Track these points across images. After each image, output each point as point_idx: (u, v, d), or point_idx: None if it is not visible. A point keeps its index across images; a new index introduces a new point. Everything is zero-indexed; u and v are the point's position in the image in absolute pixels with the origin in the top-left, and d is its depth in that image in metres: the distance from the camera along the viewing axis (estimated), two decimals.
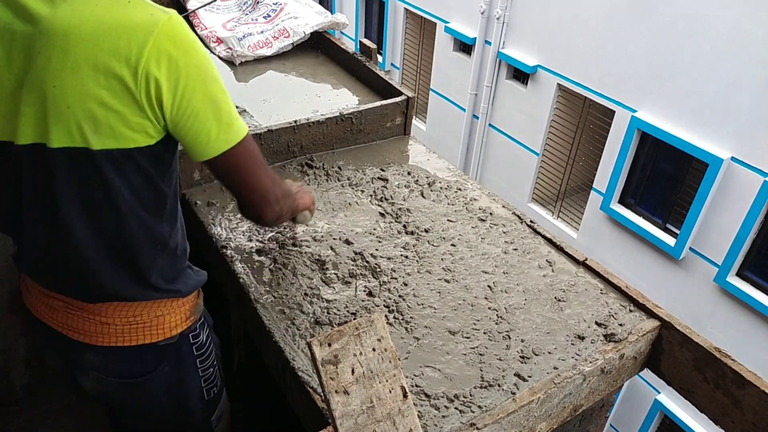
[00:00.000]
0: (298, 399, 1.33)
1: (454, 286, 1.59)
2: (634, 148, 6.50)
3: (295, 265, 1.61)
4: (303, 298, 1.51)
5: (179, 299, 1.24)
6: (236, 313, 1.74)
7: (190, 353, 1.31)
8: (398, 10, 9.70)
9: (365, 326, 1.09)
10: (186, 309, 1.26)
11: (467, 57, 8.45)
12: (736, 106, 5.46)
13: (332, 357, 1.04)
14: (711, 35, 5.49)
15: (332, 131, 2.10)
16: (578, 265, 1.72)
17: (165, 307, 1.22)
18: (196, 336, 1.32)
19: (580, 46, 6.75)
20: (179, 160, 1.80)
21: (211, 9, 2.96)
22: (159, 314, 1.21)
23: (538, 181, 8.00)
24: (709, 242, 6.01)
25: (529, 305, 1.55)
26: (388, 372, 1.09)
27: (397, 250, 1.70)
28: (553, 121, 7.50)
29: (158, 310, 1.21)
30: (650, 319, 1.54)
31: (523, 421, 1.30)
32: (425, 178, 2.06)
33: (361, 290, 1.55)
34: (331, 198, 1.91)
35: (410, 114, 2.30)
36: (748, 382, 1.35)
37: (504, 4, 7.48)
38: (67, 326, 1.19)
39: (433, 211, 1.89)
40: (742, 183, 5.56)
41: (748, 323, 5.89)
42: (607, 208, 6.89)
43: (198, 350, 1.33)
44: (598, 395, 1.48)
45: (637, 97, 6.30)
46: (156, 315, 1.21)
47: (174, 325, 1.24)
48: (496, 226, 1.85)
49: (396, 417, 1.07)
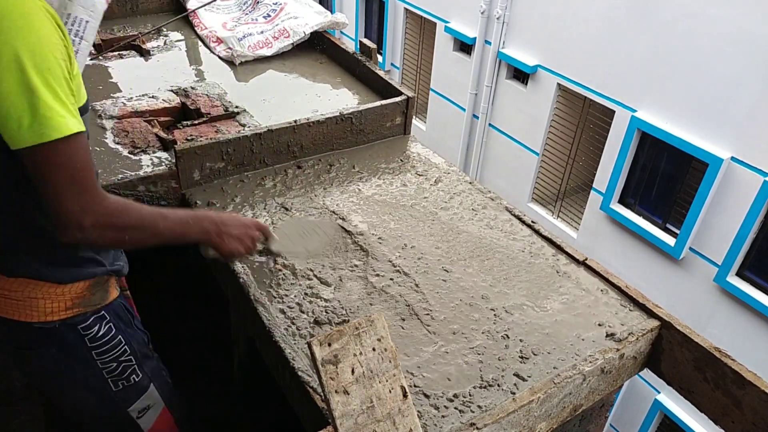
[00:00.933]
0: (298, 399, 1.33)
1: (452, 286, 1.59)
2: (634, 148, 6.50)
3: (295, 265, 1.62)
4: (303, 298, 1.51)
5: (57, 286, 1.22)
6: (236, 313, 1.74)
7: (81, 344, 1.30)
8: (398, 10, 9.70)
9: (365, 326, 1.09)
10: (67, 298, 1.25)
11: (467, 57, 8.45)
12: (736, 106, 5.46)
13: (332, 357, 1.04)
14: (711, 35, 5.49)
15: (332, 131, 2.10)
16: (578, 265, 1.72)
17: (39, 291, 1.21)
18: (87, 328, 1.30)
19: (580, 45, 6.75)
20: (179, 159, 1.81)
21: (211, 9, 2.96)
22: (33, 296, 1.21)
23: (538, 181, 7.99)
24: (709, 242, 6.01)
25: (529, 305, 1.55)
26: (388, 372, 1.09)
27: (397, 251, 1.70)
28: (553, 121, 7.50)
29: (32, 291, 1.21)
30: (650, 319, 1.54)
31: (523, 421, 1.30)
32: (425, 177, 2.06)
33: (362, 290, 1.55)
34: (331, 198, 1.91)
35: (410, 114, 2.30)
36: (748, 382, 1.35)
37: (504, 4, 7.47)
38: None
39: (433, 211, 1.89)
40: (742, 183, 5.56)
41: (748, 323, 5.89)
42: (607, 208, 6.89)
43: (92, 342, 1.31)
44: (598, 395, 1.48)
45: (637, 96, 6.30)
46: (29, 296, 1.21)
47: (50, 311, 1.23)
48: (496, 226, 1.85)
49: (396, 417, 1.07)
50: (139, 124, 2.10)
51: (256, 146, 1.95)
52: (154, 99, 2.27)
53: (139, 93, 2.30)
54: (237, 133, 1.96)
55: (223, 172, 1.93)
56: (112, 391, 1.40)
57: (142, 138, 2.03)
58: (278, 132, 1.98)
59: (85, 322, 1.30)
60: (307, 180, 1.99)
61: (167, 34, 2.88)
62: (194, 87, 2.39)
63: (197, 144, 1.84)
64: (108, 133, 2.05)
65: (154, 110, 2.21)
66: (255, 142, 1.94)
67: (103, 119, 2.11)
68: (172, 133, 2.07)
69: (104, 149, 1.96)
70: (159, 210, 1.23)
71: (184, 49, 2.77)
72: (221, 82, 2.47)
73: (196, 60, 2.70)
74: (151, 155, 1.95)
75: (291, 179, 1.98)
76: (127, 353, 1.39)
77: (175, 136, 2.04)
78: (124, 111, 2.16)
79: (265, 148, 1.97)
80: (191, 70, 2.60)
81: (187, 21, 2.99)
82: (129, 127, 2.08)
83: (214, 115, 2.18)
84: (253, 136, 1.93)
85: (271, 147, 1.99)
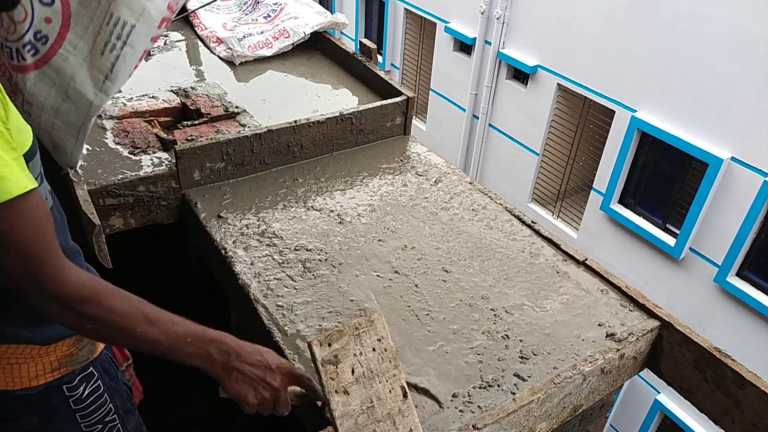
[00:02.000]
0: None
1: (452, 287, 1.59)
2: (634, 148, 6.50)
3: (296, 264, 1.62)
4: (303, 298, 1.51)
5: (39, 347, 1.12)
6: (236, 313, 1.74)
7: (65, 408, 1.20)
8: (398, 10, 9.70)
9: (365, 326, 1.09)
10: (52, 359, 1.14)
11: (467, 57, 8.45)
12: (736, 106, 5.46)
13: (332, 357, 1.04)
14: (711, 35, 5.49)
15: (332, 131, 2.10)
16: (578, 265, 1.72)
17: (20, 355, 1.11)
18: (73, 389, 1.20)
19: (580, 46, 6.75)
20: (179, 160, 1.81)
21: (211, 9, 2.96)
22: (13, 361, 1.11)
23: (538, 181, 7.99)
24: (709, 242, 6.01)
25: (529, 305, 1.55)
26: (388, 372, 1.09)
27: (397, 251, 1.70)
28: (553, 121, 7.50)
29: (11, 357, 1.10)
30: (650, 319, 1.54)
31: (523, 421, 1.30)
32: (425, 177, 2.06)
33: (362, 290, 1.55)
34: (331, 198, 1.91)
35: (410, 114, 2.30)
36: (748, 382, 1.35)
37: (504, 4, 7.47)
38: None
39: (433, 211, 1.89)
40: (742, 183, 5.56)
41: (748, 323, 5.89)
42: (607, 208, 6.89)
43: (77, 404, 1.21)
44: (598, 395, 1.48)
45: (637, 97, 6.30)
46: (9, 362, 1.11)
47: (34, 375, 1.13)
48: (496, 226, 1.85)
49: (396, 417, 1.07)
50: (139, 125, 2.10)
51: (256, 146, 1.95)
52: (155, 99, 2.27)
53: (140, 93, 2.30)
54: (237, 133, 1.96)
55: (223, 173, 1.93)
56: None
57: (142, 138, 2.03)
58: (278, 132, 1.98)
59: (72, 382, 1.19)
60: (307, 181, 1.99)
61: (167, 35, 2.88)
62: (194, 87, 2.39)
63: (197, 144, 1.84)
64: (108, 133, 2.05)
65: (154, 110, 2.21)
66: (255, 142, 1.94)
67: (103, 119, 2.11)
68: (172, 134, 2.07)
69: (104, 149, 1.96)
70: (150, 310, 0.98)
71: (184, 49, 2.77)
72: (221, 83, 2.47)
73: (196, 60, 2.70)
74: (151, 155, 1.95)
75: (291, 180, 1.98)
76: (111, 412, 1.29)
77: (175, 136, 2.04)
78: (125, 111, 2.17)
79: (265, 149, 1.98)
80: (191, 70, 2.60)
81: (187, 21, 2.99)
82: (129, 127, 2.08)
83: (214, 116, 2.18)
84: (253, 137, 1.93)
85: (271, 147, 1.99)
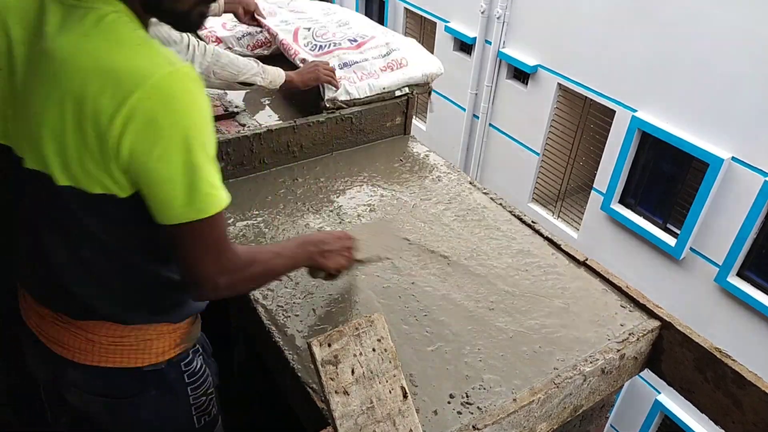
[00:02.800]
0: (298, 399, 1.33)
1: (452, 287, 1.59)
2: (634, 148, 6.50)
3: None
4: (303, 298, 1.51)
5: (170, 324, 1.20)
6: (236, 313, 1.74)
7: (181, 381, 1.26)
8: (398, 9, 9.70)
9: (365, 326, 1.09)
10: (177, 335, 1.22)
11: (467, 57, 8.45)
12: (736, 105, 5.45)
13: (332, 357, 1.04)
14: (711, 35, 5.49)
15: (332, 131, 2.10)
16: (579, 265, 1.72)
17: (154, 332, 1.18)
18: (188, 364, 1.27)
19: (580, 45, 6.75)
20: None
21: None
22: (147, 338, 1.17)
23: (538, 181, 7.99)
24: (709, 242, 6.01)
25: (529, 305, 1.55)
26: (388, 372, 1.08)
27: (397, 251, 1.70)
28: (553, 121, 7.50)
29: (146, 334, 1.17)
30: (651, 319, 1.54)
31: (523, 422, 1.29)
32: (425, 177, 2.06)
33: (361, 291, 1.55)
34: (331, 198, 1.91)
35: (410, 114, 2.30)
36: (749, 382, 1.35)
37: (504, 4, 7.47)
38: (52, 339, 1.16)
39: (433, 211, 1.89)
40: (742, 183, 5.56)
41: (748, 323, 5.89)
42: (608, 208, 6.88)
43: (189, 378, 1.28)
44: (599, 395, 1.48)
45: (638, 96, 6.30)
46: (144, 339, 1.17)
47: (162, 351, 1.20)
48: (496, 226, 1.84)
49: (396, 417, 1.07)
50: None
51: (255, 146, 1.95)
52: None
53: None
54: (237, 133, 1.96)
55: (222, 172, 1.92)
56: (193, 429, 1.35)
57: None
58: (278, 132, 1.98)
59: (188, 357, 1.26)
60: (307, 181, 1.99)
61: None
62: None
63: None
64: None
65: None
66: (255, 142, 1.94)
67: None
68: None
69: None
70: (274, 250, 1.29)
71: None
72: None
73: None
74: None
75: (290, 180, 1.98)
76: (211, 386, 1.36)
77: None
78: None
79: (264, 148, 1.97)
80: None
81: None
82: None
83: (213, 115, 2.18)
84: (253, 136, 1.93)
85: (270, 147, 1.99)
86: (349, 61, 2.18)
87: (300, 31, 2.38)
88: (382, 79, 2.16)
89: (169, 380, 1.24)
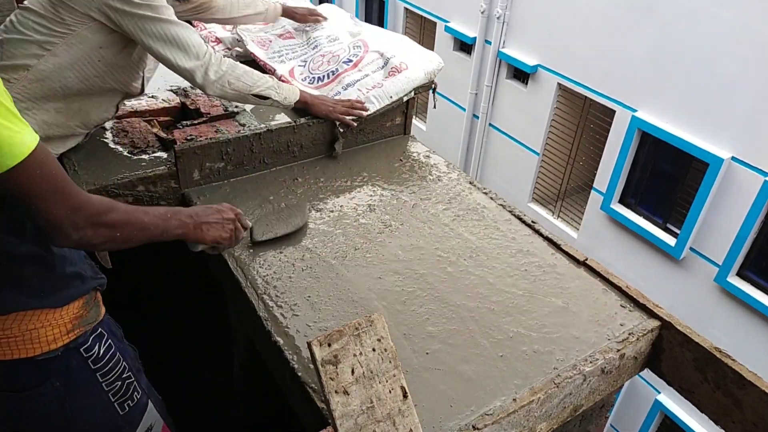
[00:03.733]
0: (298, 399, 1.33)
1: (452, 287, 1.59)
2: (634, 148, 6.50)
3: (295, 264, 1.61)
4: (303, 298, 1.51)
5: (55, 310, 1.20)
6: (236, 313, 1.74)
7: (85, 368, 1.26)
8: (398, 9, 9.70)
9: (365, 326, 1.09)
10: (66, 321, 1.21)
11: (467, 56, 8.45)
12: (736, 105, 5.46)
13: (332, 357, 1.04)
14: (711, 35, 5.49)
15: (332, 131, 2.10)
16: (579, 265, 1.72)
17: (38, 320, 1.17)
18: (89, 349, 1.26)
19: (580, 45, 6.75)
20: (179, 159, 1.81)
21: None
22: (32, 327, 1.17)
23: (538, 181, 8.00)
24: (709, 242, 6.01)
25: (529, 305, 1.55)
26: (388, 372, 1.08)
27: (398, 250, 1.70)
28: (553, 121, 7.50)
29: (30, 323, 1.17)
30: (650, 319, 1.54)
31: (523, 422, 1.29)
32: (425, 177, 2.06)
33: (361, 291, 1.55)
34: (331, 198, 1.91)
35: (410, 114, 2.30)
36: (749, 382, 1.35)
37: (504, 4, 7.48)
38: None
39: (433, 211, 1.89)
40: (742, 183, 5.56)
41: (748, 323, 5.89)
42: (608, 208, 6.89)
43: (95, 364, 1.28)
44: (599, 395, 1.48)
45: (638, 96, 6.30)
46: (28, 329, 1.17)
47: (52, 338, 1.20)
48: (496, 226, 1.84)
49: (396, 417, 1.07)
50: (138, 124, 2.10)
51: (255, 146, 1.95)
52: (154, 99, 2.27)
53: None
54: (237, 133, 1.96)
55: (222, 172, 1.93)
56: (119, 417, 1.35)
57: (141, 138, 2.02)
58: (278, 132, 1.98)
59: (86, 342, 1.26)
60: (307, 180, 1.99)
61: None
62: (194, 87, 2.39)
63: (197, 144, 1.84)
64: (108, 133, 2.05)
65: (153, 110, 2.21)
66: (255, 142, 1.94)
67: None
68: (171, 133, 2.07)
69: (104, 149, 1.96)
70: (138, 206, 1.24)
71: None
72: None
73: None
74: (150, 155, 1.95)
75: (290, 180, 1.98)
76: (126, 369, 1.36)
77: (175, 136, 2.04)
78: (124, 111, 2.16)
79: (264, 148, 1.97)
80: None
81: (187, 21, 2.99)
82: (128, 127, 2.08)
83: (213, 115, 2.18)
84: (253, 136, 1.93)
85: (270, 147, 1.99)
86: (351, 82, 2.20)
87: (295, 69, 2.41)
88: (386, 86, 2.16)
89: (71, 368, 1.23)
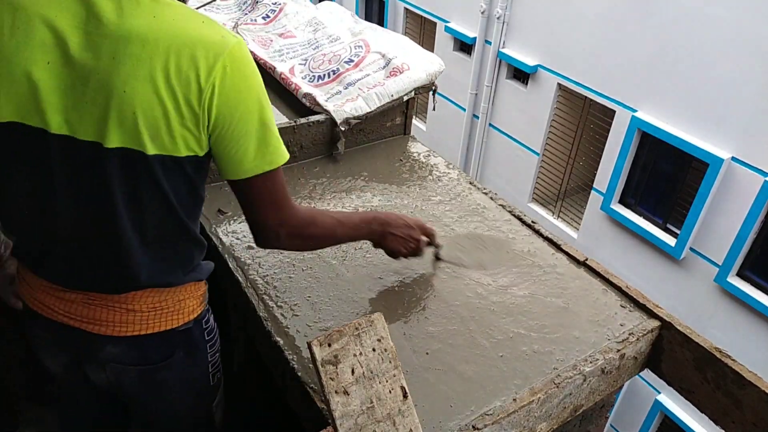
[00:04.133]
0: (298, 399, 1.33)
1: (452, 287, 1.59)
2: (634, 148, 6.50)
3: (295, 264, 1.61)
4: (303, 298, 1.51)
5: (197, 283, 1.27)
6: (236, 313, 1.74)
7: (202, 338, 1.33)
8: (398, 9, 9.71)
9: (365, 326, 1.09)
10: (201, 293, 1.29)
11: (467, 57, 8.46)
12: (736, 106, 5.46)
13: (332, 357, 1.04)
14: (711, 35, 5.49)
15: (332, 131, 2.10)
16: (578, 265, 1.72)
17: (186, 292, 1.25)
18: (207, 321, 1.34)
19: (580, 45, 6.75)
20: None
21: (211, 9, 2.96)
22: (181, 298, 1.24)
23: (538, 181, 8.00)
24: (709, 242, 6.01)
25: (529, 305, 1.55)
26: (388, 372, 1.08)
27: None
28: (553, 121, 7.50)
29: (181, 294, 1.24)
30: (650, 319, 1.54)
31: (523, 422, 1.29)
32: (425, 177, 2.06)
33: (362, 291, 1.55)
34: (331, 198, 1.91)
35: (410, 114, 2.30)
36: (749, 382, 1.35)
37: (504, 4, 7.48)
38: (86, 319, 1.19)
39: (434, 212, 1.89)
40: (742, 183, 5.57)
41: (748, 323, 5.89)
42: (608, 208, 6.89)
43: (209, 335, 1.35)
44: (599, 395, 1.48)
45: (638, 96, 6.30)
46: (179, 299, 1.24)
47: (192, 309, 1.27)
48: (495, 226, 1.84)
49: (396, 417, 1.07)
50: None
51: None
52: None
53: None
54: None
55: None
56: (209, 386, 1.41)
57: None
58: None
59: (206, 315, 1.34)
60: (307, 181, 1.99)
61: None
62: None
63: None
64: None
65: None
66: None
67: None
68: None
69: None
70: (338, 218, 1.36)
71: None
72: None
73: None
74: None
75: (290, 180, 1.98)
76: (219, 343, 1.42)
77: None
78: None
79: None
80: None
81: None
82: None
83: None
84: None
85: None
86: (352, 81, 2.20)
87: (296, 67, 2.41)
88: (388, 85, 2.17)
89: (194, 339, 1.30)
